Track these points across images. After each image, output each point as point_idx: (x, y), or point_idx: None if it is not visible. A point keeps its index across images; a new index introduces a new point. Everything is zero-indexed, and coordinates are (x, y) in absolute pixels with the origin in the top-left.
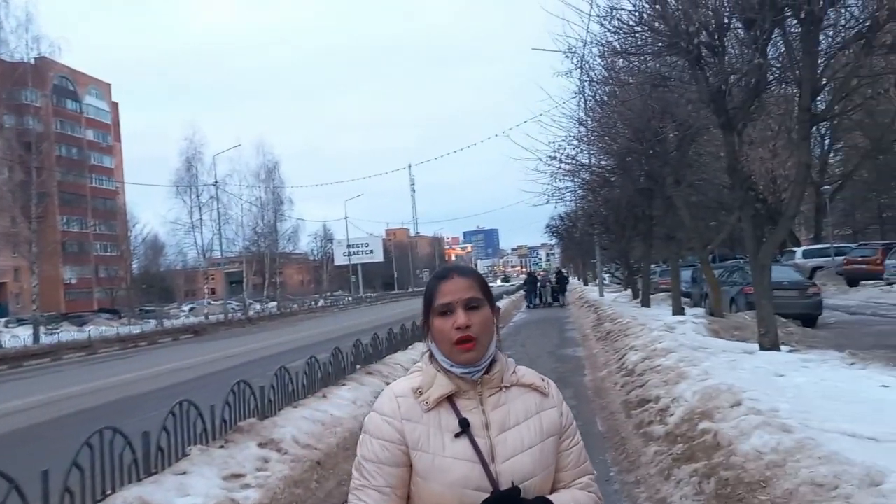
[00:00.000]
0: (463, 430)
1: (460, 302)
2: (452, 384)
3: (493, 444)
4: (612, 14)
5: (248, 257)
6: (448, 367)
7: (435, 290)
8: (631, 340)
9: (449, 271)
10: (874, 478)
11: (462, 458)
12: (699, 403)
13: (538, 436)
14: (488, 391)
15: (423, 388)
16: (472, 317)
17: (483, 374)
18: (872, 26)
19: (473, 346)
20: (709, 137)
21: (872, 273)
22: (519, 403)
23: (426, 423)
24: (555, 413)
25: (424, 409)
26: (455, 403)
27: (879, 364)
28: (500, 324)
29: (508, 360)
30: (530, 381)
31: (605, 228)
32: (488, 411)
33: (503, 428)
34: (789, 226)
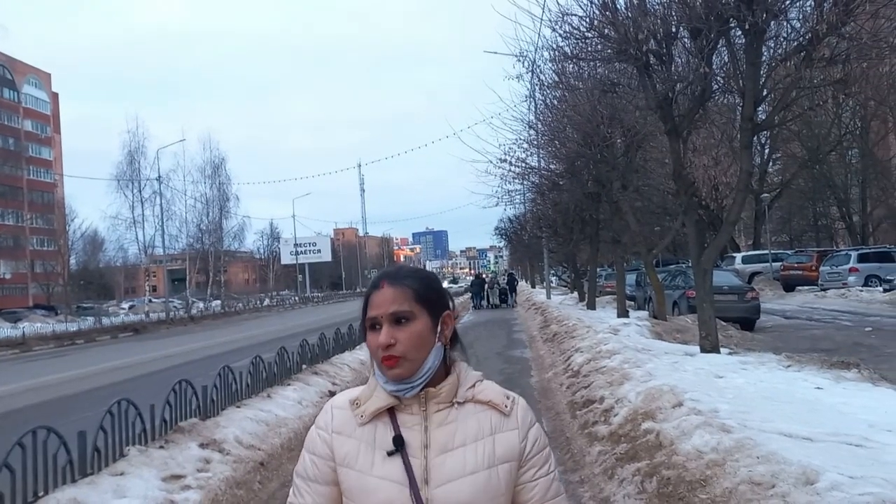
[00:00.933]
0: (396, 448)
1: (385, 317)
2: (392, 398)
3: (429, 467)
4: (563, 19)
5: (192, 255)
6: (381, 384)
7: (366, 300)
8: (577, 342)
9: (381, 279)
10: (809, 476)
11: (389, 479)
12: (642, 404)
13: (486, 460)
14: (435, 406)
15: (361, 399)
16: (398, 333)
17: (427, 387)
18: (812, 39)
19: (397, 363)
20: (655, 144)
21: (808, 279)
22: (471, 422)
23: (358, 438)
24: (513, 437)
25: (359, 422)
26: (396, 418)
27: (814, 367)
28: (448, 331)
29: (470, 374)
30: (488, 399)
31: (553, 231)
32: (431, 429)
33: (444, 449)
34: (730, 232)
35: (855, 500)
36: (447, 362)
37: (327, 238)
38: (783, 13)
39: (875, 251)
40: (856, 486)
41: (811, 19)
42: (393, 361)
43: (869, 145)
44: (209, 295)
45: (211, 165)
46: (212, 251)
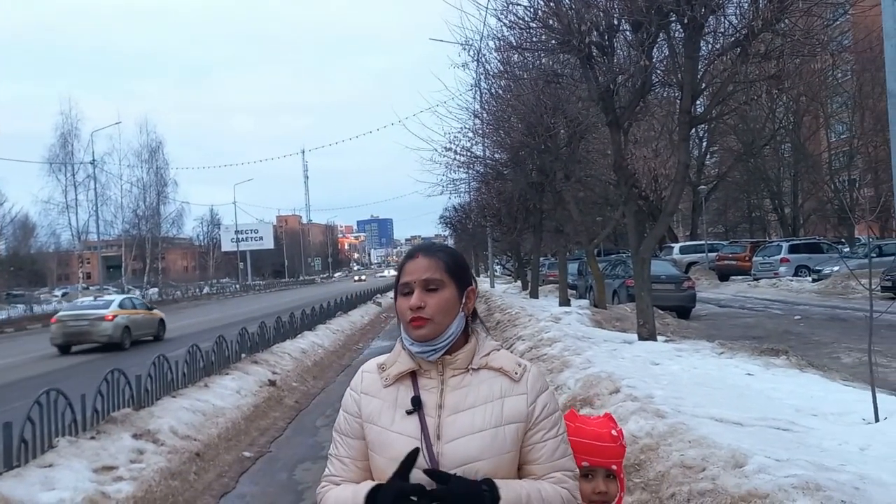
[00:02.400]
0: (415, 407)
1: (418, 283)
2: (413, 363)
3: (441, 424)
4: (508, 9)
5: (128, 241)
6: (408, 345)
7: (401, 269)
8: (519, 330)
9: (416, 251)
10: (738, 459)
11: (406, 435)
12: (581, 391)
13: (494, 420)
14: (451, 372)
15: (387, 364)
16: (428, 298)
17: (445, 355)
18: (748, 35)
19: (424, 324)
20: (597, 135)
21: (741, 269)
22: (483, 387)
23: (383, 398)
24: (521, 401)
25: (384, 384)
26: (416, 382)
27: (745, 354)
28: (472, 303)
29: (487, 343)
30: (500, 365)
31: (497, 221)
32: (447, 392)
33: (456, 409)
34: (668, 222)
35: (780, 482)
36: (468, 332)
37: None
38: (721, 8)
39: (805, 242)
40: (781, 468)
41: (747, 15)
42: (421, 322)
43: (801, 140)
44: (146, 283)
45: (148, 149)
46: (149, 237)
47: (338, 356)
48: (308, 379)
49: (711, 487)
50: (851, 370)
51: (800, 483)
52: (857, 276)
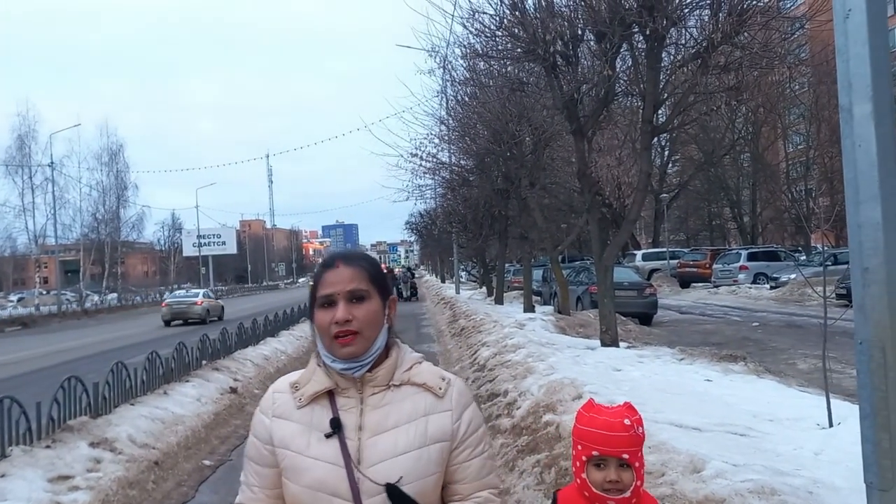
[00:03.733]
0: (333, 430)
1: (342, 294)
2: (330, 380)
3: (362, 447)
4: (474, 16)
5: (87, 245)
6: (329, 363)
7: (318, 279)
8: (484, 337)
9: (335, 259)
10: (696, 465)
11: (324, 460)
12: (544, 397)
13: (418, 441)
14: (371, 389)
15: (301, 383)
16: (355, 310)
17: (366, 372)
18: (708, 47)
19: (353, 339)
20: (561, 143)
21: (702, 276)
22: (406, 405)
23: (297, 421)
24: (446, 418)
25: (298, 405)
26: (334, 401)
27: (705, 360)
28: (394, 314)
29: (408, 356)
30: (423, 381)
31: (462, 227)
32: (367, 411)
33: (377, 430)
34: (631, 230)
35: (737, 487)
36: (388, 344)
37: (233, 230)
38: (682, 21)
39: (763, 250)
40: (738, 473)
41: (707, 28)
42: (350, 338)
43: (759, 150)
44: (105, 288)
45: (108, 152)
46: (108, 242)
47: (301, 363)
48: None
49: (670, 492)
50: (807, 376)
51: (755, 487)
52: (812, 284)
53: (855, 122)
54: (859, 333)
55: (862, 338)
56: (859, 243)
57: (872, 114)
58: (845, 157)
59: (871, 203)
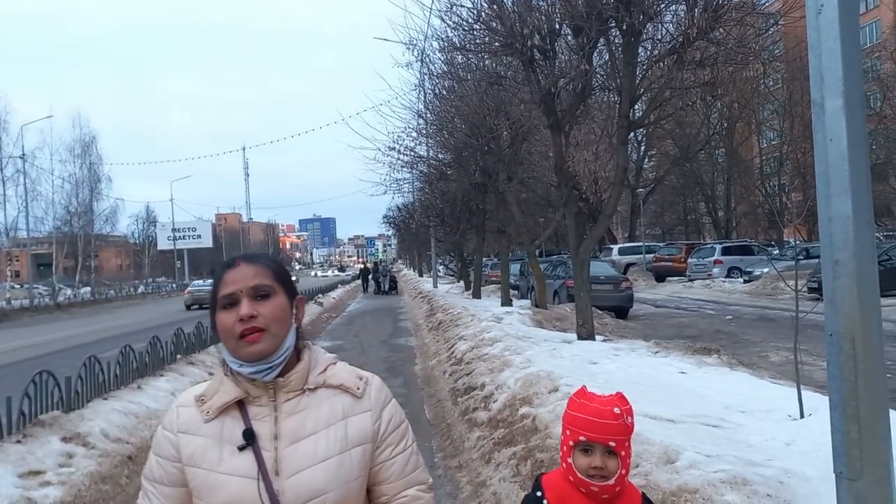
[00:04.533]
0: (247, 442)
1: (245, 291)
2: (240, 389)
3: (279, 458)
4: (452, 10)
5: (59, 238)
6: (236, 368)
7: (219, 279)
8: (461, 330)
9: (235, 259)
10: (670, 456)
11: (238, 475)
12: (521, 390)
13: (339, 445)
14: (285, 395)
15: (207, 395)
16: (260, 307)
17: (278, 377)
18: (684, 42)
19: (260, 336)
20: (539, 137)
21: (677, 270)
22: (323, 408)
23: (205, 435)
24: (366, 419)
25: (205, 419)
26: (246, 411)
27: (679, 353)
28: (302, 314)
29: (321, 357)
30: (339, 382)
31: (440, 221)
32: (282, 419)
33: (295, 438)
34: (607, 224)
35: (710, 477)
36: (298, 348)
37: (208, 223)
38: (658, 16)
39: (737, 244)
40: (711, 463)
41: (683, 24)
42: (256, 336)
43: (734, 145)
44: (78, 281)
45: (81, 144)
46: (81, 235)
47: None
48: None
49: (644, 483)
50: (779, 368)
51: (728, 478)
52: (784, 278)
53: (826, 117)
54: (829, 325)
55: (832, 330)
56: (830, 236)
57: (844, 108)
58: (817, 152)
59: (841, 196)
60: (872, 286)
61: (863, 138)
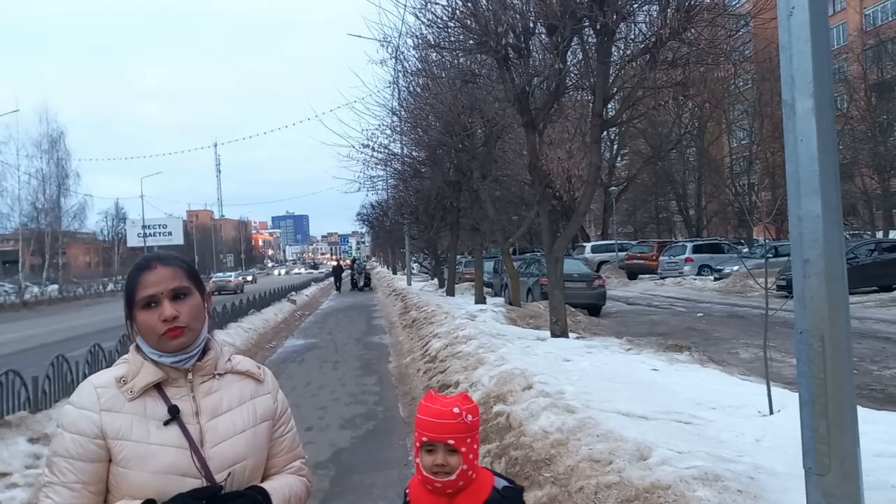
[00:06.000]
0: (173, 416)
1: (166, 293)
2: (161, 372)
3: (203, 430)
4: (426, 7)
5: (26, 235)
6: (157, 358)
7: (136, 281)
8: (435, 328)
9: (150, 260)
10: (643, 452)
11: (169, 445)
12: (495, 387)
13: (252, 420)
14: (200, 378)
15: (128, 376)
16: (180, 306)
17: (196, 362)
18: (657, 43)
19: (181, 332)
20: (513, 136)
21: (649, 268)
22: (233, 390)
23: (130, 412)
24: (269, 399)
25: (128, 398)
26: (164, 392)
27: (651, 350)
28: (210, 307)
29: (223, 348)
30: (245, 369)
31: (414, 218)
32: (199, 398)
33: (215, 413)
34: (580, 222)
35: (681, 473)
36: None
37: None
38: (631, 16)
39: (707, 243)
40: (683, 459)
41: (656, 24)
42: (178, 332)
43: (705, 145)
44: (45, 279)
45: (48, 139)
46: (48, 232)
47: (250, 355)
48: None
49: (618, 480)
50: (748, 365)
51: (699, 474)
52: (754, 276)
53: (797, 118)
54: (799, 323)
55: (802, 327)
56: (800, 235)
57: (814, 109)
58: (787, 152)
59: (811, 196)
60: (841, 284)
61: (832, 139)
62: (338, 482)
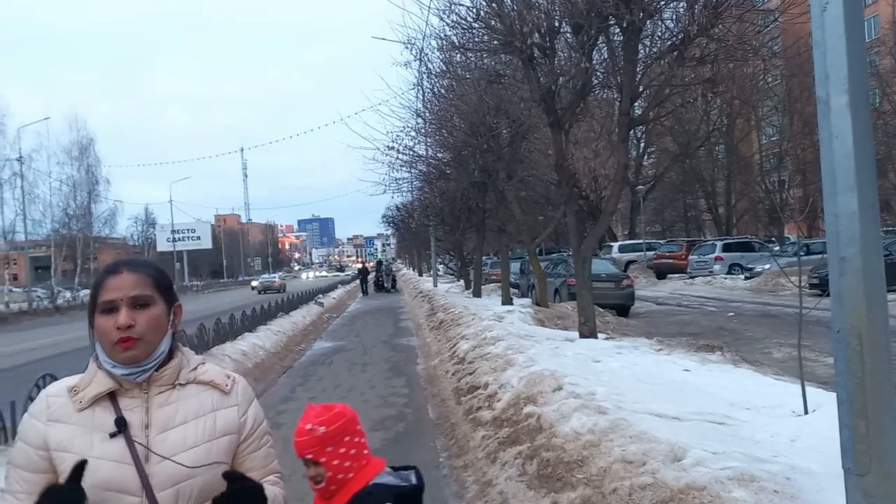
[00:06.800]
0: (119, 429)
1: (125, 300)
2: (113, 381)
3: (150, 444)
4: (450, 8)
5: (58, 241)
6: (110, 368)
7: (100, 285)
8: (462, 329)
9: (119, 265)
10: (677, 453)
11: (111, 459)
12: (524, 389)
13: (207, 434)
14: (157, 389)
15: (80, 386)
16: (138, 316)
17: (153, 371)
18: (684, 39)
19: (134, 344)
20: (539, 135)
21: (678, 267)
22: (193, 402)
23: (76, 423)
24: (233, 413)
25: (78, 408)
26: (117, 402)
27: (682, 350)
28: (179, 320)
29: (191, 357)
30: (209, 379)
31: (440, 220)
32: (153, 410)
33: (165, 427)
34: (608, 222)
35: (717, 475)
36: (172, 348)
37: (208, 224)
38: (658, 13)
39: (738, 241)
40: (718, 460)
41: (683, 20)
42: (130, 343)
43: (734, 142)
44: (77, 283)
45: (78, 146)
46: (80, 237)
47: (279, 358)
48: (249, 381)
49: (652, 481)
50: (782, 364)
51: (735, 475)
52: (787, 274)
53: (832, 114)
54: (836, 322)
55: (839, 326)
56: (836, 233)
57: (849, 105)
58: (822, 149)
59: (847, 193)
60: (879, 282)
61: (868, 135)
62: None
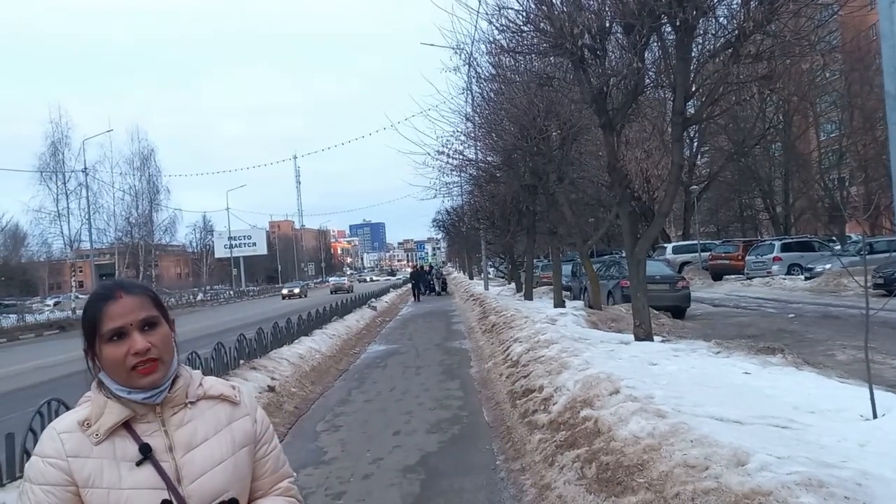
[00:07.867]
0: (145, 456)
1: (135, 324)
2: (127, 409)
3: (179, 466)
4: (499, 12)
5: (121, 249)
6: (126, 395)
7: (99, 313)
8: (515, 332)
9: (113, 290)
10: (740, 458)
11: (144, 487)
12: (580, 392)
13: (230, 448)
14: (171, 410)
15: (92, 419)
16: (151, 337)
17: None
18: (739, 36)
19: (155, 367)
20: (589, 137)
21: (734, 268)
22: (208, 417)
23: (99, 457)
24: (247, 422)
25: (94, 441)
26: (133, 429)
27: (741, 353)
28: (176, 336)
29: (193, 373)
30: (218, 392)
31: (490, 223)
32: (172, 432)
33: (190, 447)
34: (662, 223)
35: (783, 479)
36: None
37: (263, 231)
38: (712, 10)
39: (797, 241)
40: (783, 465)
41: (738, 17)
42: (152, 367)
43: (791, 139)
44: None
45: (140, 157)
46: (142, 245)
47: (335, 361)
48: (306, 384)
49: (715, 486)
50: (846, 367)
51: (802, 480)
52: (851, 274)
53: None
54: None
55: None
56: None
57: None
58: (891, 143)
59: None
60: None
61: None
62: (427, 486)
